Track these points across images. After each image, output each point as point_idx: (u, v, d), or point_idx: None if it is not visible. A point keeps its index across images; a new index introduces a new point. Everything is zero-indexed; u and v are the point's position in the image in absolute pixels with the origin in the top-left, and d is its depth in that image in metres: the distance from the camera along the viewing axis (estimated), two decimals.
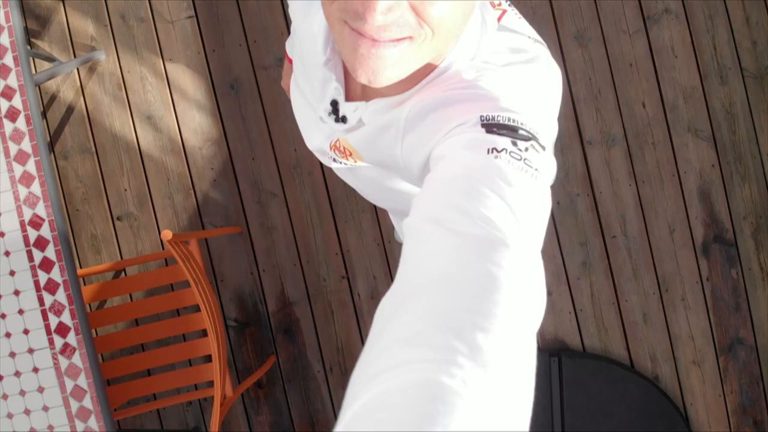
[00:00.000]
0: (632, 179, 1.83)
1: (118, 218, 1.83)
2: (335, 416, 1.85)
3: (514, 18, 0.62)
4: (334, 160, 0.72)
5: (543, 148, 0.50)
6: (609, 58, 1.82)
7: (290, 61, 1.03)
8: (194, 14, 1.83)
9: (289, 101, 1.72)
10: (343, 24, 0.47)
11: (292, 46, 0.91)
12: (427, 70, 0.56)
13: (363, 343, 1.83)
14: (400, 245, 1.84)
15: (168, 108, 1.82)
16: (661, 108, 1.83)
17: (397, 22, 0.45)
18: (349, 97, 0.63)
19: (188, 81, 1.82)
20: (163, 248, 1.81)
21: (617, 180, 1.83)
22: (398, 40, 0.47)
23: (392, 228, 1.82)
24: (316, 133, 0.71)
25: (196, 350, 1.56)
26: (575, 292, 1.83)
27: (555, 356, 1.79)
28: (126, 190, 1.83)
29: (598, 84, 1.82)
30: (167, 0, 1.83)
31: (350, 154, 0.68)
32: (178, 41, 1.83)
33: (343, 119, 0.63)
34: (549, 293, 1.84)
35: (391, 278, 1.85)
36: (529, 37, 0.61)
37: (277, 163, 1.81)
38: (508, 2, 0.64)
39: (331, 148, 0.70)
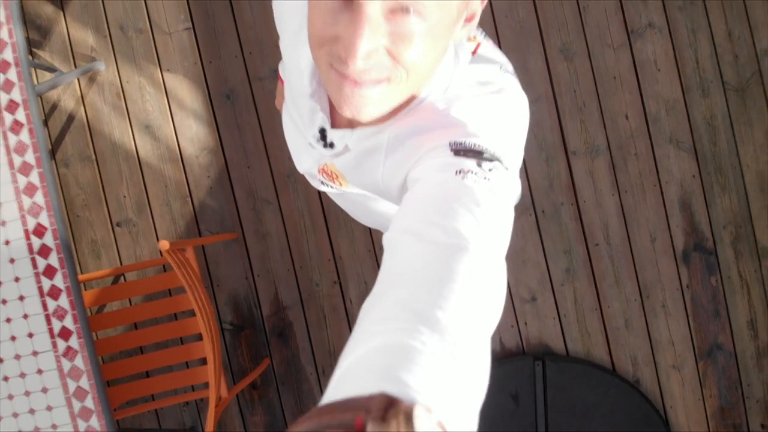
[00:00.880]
0: (615, 189, 1.89)
1: (117, 224, 1.89)
2: None
3: (488, 47, 0.68)
4: (322, 183, 0.78)
5: (506, 168, 0.56)
6: (593, 71, 1.88)
7: (282, 82, 1.09)
8: (191, 26, 1.88)
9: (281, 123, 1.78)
10: (329, 66, 0.53)
11: (283, 69, 0.97)
12: (406, 101, 0.61)
13: None
14: None
15: (166, 117, 1.88)
16: (643, 120, 1.89)
17: (376, 66, 0.51)
18: (335, 125, 0.69)
19: (186, 91, 1.88)
20: (160, 254, 1.87)
21: (600, 190, 1.89)
22: (377, 81, 0.52)
23: (382, 234, 1.88)
24: (306, 157, 0.77)
25: (193, 353, 1.62)
26: (559, 297, 1.89)
27: (539, 360, 1.85)
28: (125, 197, 1.89)
29: (583, 96, 1.88)
30: (165, 12, 1.89)
31: (337, 178, 0.74)
32: (175, 52, 1.89)
33: (331, 145, 0.68)
34: (533, 299, 1.90)
35: None
36: (501, 67, 0.66)
37: (272, 172, 1.87)
38: (483, 33, 0.70)
39: (319, 172, 0.76)
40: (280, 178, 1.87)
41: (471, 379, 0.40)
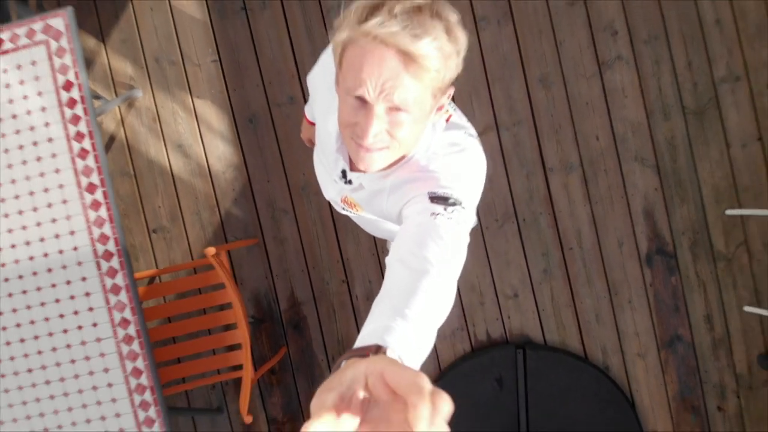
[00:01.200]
0: (587, 200, 2.16)
1: (153, 231, 2.17)
2: None
3: (457, 117, 0.96)
4: (343, 209, 1.06)
5: (464, 208, 0.84)
6: (568, 97, 2.16)
7: (308, 122, 1.37)
8: (218, 59, 2.16)
9: (297, 135, 2.06)
10: (350, 139, 0.81)
11: (311, 112, 1.24)
12: (400, 159, 0.89)
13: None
14: None
15: (196, 138, 2.16)
16: (612, 140, 2.17)
17: (380, 140, 0.79)
18: (352, 169, 0.97)
19: (213, 115, 2.16)
20: (192, 257, 2.15)
21: (574, 201, 2.16)
22: (380, 149, 0.80)
23: (386, 241, 2.15)
24: (330, 188, 1.05)
25: (223, 341, 1.89)
26: (538, 295, 2.17)
27: (520, 348, 2.13)
28: (160, 207, 2.16)
29: (559, 119, 2.15)
30: (195, 46, 2.17)
31: (354, 206, 1.02)
32: (204, 81, 2.16)
33: (350, 182, 0.96)
34: (515, 295, 2.18)
35: None
36: (465, 131, 0.94)
37: (289, 186, 2.15)
38: (453, 106, 0.98)
39: (341, 201, 1.04)
40: (296, 191, 2.15)
41: (420, 342, 0.68)
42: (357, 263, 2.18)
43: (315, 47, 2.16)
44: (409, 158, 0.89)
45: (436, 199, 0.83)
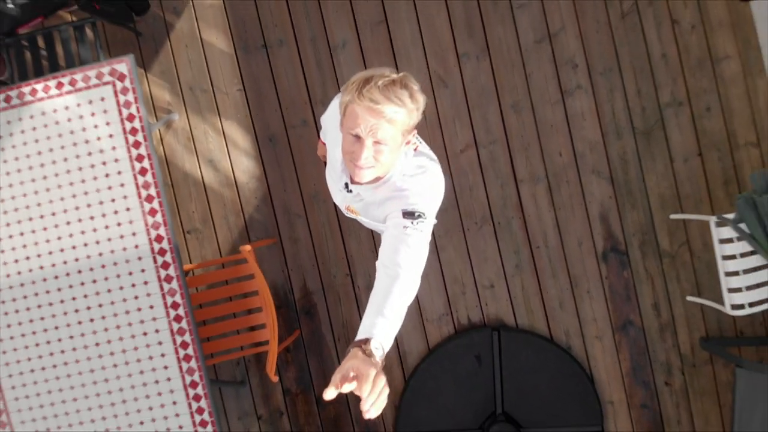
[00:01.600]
0: (551, 207, 2.57)
1: (188, 232, 2.57)
2: None
3: (422, 146, 1.37)
4: (348, 214, 1.48)
5: (426, 218, 1.25)
6: (536, 121, 2.57)
7: (322, 143, 1.78)
8: (243, 88, 2.57)
9: (309, 152, 2.47)
10: (349, 161, 1.22)
11: (324, 137, 1.65)
12: (383, 176, 1.29)
13: (361, 320, 2.58)
14: None
15: (224, 154, 2.57)
16: (573, 156, 2.58)
17: (367, 162, 1.20)
18: (352, 182, 1.37)
19: (238, 135, 2.57)
20: (220, 255, 2.56)
21: (541, 207, 2.57)
22: (369, 167, 1.21)
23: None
24: (338, 196, 1.46)
25: (247, 322, 2.29)
26: (511, 285, 2.58)
27: (496, 331, 2.53)
28: (194, 212, 2.58)
29: (528, 139, 2.56)
30: (223, 77, 2.58)
31: (355, 212, 1.43)
32: (231, 107, 2.58)
33: (350, 191, 1.37)
34: (492, 286, 2.59)
35: None
36: (428, 157, 1.36)
37: (302, 194, 2.56)
38: (419, 139, 1.38)
39: (346, 209, 1.46)
40: (308, 199, 2.56)
41: (395, 326, 1.11)
42: (359, 259, 2.59)
43: (324, 79, 2.58)
44: (389, 177, 1.30)
45: (406, 214, 1.25)
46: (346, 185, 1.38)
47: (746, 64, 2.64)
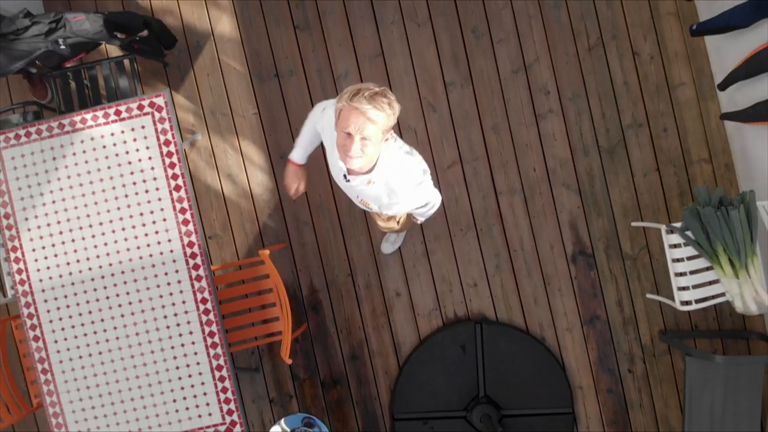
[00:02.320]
0: (527, 215, 2.95)
1: (209, 237, 2.94)
2: (344, 360, 2.96)
3: (393, 139, 1.74)
4: (362, 206, 1.87)
5: (426, 173, 1.73)
6: (513, 140, 2.94)
7: (294, 163, 2.11)
8: (258, 112, 2.94)
9: (316, 169, 2.83)
10: (343, 152, 1.61)
11: (322, 138, 1.99)
12: (370, 169, 1.67)
13: (362, 315, 2.96)
14: (385, 255, 2.95)
15: (241, 170, 2.94)
16: (545, 171, 2.95)
17: (356, 152, 1.58)
18: (349, 173, 1.74)
19: (254, 153, 2.94)
20: (238, 257, 2.92)
21: (517, 215, 2.94)
22: (357, 157, 1.60)
23: (379, 244, 2.93)
24: (348, 191, 1.83)
25: (262, 316, 2.66)
26: (491, 284, 2.95)
27: (479, 323, 2.90)
28: (214, 220, 2.94)
29: (506, 157, 2.94)
30: (241, 103, 2.95)
31: (367, 204, 1.82)
32: (247, 128, 2.95)
33: (348, 181, 1.74)
34: (475, 285, 2.96)
35: (379, 276, 2.97)
36: (402, 146, 1.74)
37: (309, 204, 2.93)
38: (393, 136, 1.75)
39: (360, 202, 1.83)
40: (315, 209, 2.94)
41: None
42: (359, 261, 2.96)
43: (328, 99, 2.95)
44: (375, 172, 1.69)
45: (423, 172, 1.73)
46: (345, 176, 1.75)
47: (699, 90, 3.02)
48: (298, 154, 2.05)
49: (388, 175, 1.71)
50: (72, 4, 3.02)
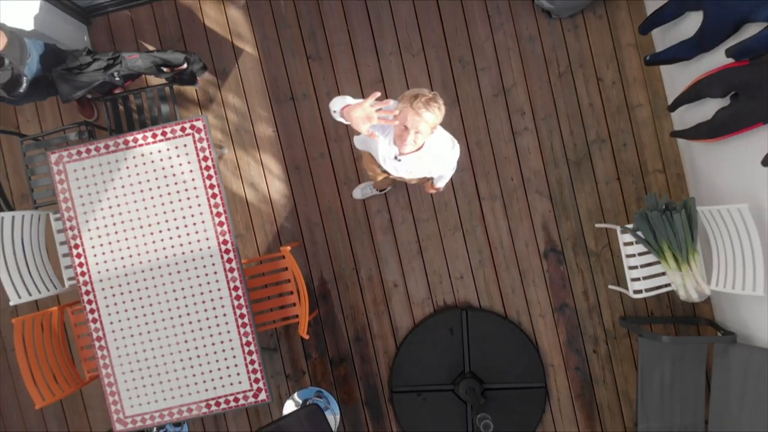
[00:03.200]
0: (506, 218, 3.45)
1: (235, 236, 3.44)
2: (349, 342, 3.46)
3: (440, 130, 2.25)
4: (393, 174, 2.40)
5: (455, 144, 2.23)
6: (494, 154, 3.44)
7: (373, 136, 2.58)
8: (276, 129, 3.44)
9: (327, 177, 3.33)
10: (400, 139, 2.09)
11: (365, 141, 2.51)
12: (419, 148, 2.16)
13: (364, 303, 3.45)
14: (387, 249, 3.45)
15: (262, 179, 3.44)
16: (521, 180, 3.45)
17: (410, 142, 2.06)
18: (400, 154, 2.23)
19: (273, 165, 3.44)
20: (259, 253, 3.42)
21: (498, 218, 3.44)
22: (410, 143, 2.08)
23: (382, 244, 3.43)
24: (389, 165, 2.33)
25: (280, 302, 3.15)
26: (476, 276, 3.45)
27: (464, 310, 3.40)
28: (239, 221, 3.44)
29: (488, 168, 3.44)
30: (261, 121, 3.45)
31: (402, 177, 2.37)
32: (267, 143, 3.44)
33: (399, 160, 2.24)
34: (461, 277, 3.46)
35: (380, 270, 3.46)
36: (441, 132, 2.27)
37: (320, 208, 3.43)
38: (439, 128, 2.25)
39: (405, 171, 2.33)
40: (324, 212, 3.43)
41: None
42: (362, 257, 3.45)
43: (336, 124, 3.45)
44: (425, 146, 2.15)
45: (451, 158, 2.23)
46: (395, 157, 2.23)
47: (655, 111, 3.52)
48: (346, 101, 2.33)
49: (432, 149, 2.18)
50: (114, 38, 3.52)
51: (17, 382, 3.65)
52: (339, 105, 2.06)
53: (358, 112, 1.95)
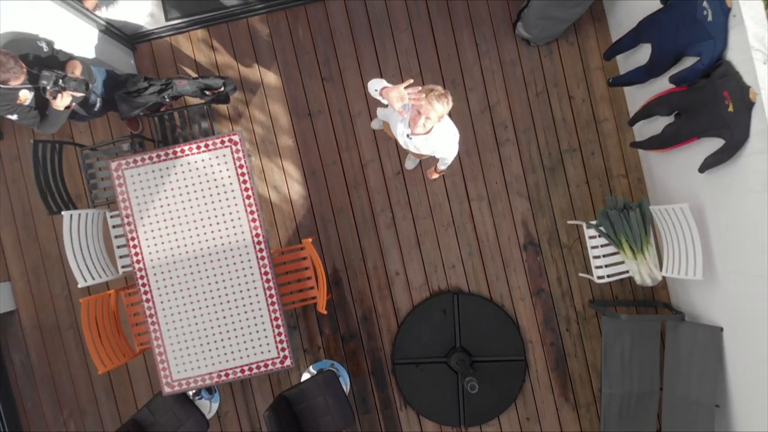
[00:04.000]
0: (491, 216, 4.05)
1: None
2: (358, 322, 4.06)
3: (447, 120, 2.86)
4: (406, 147, 3.00)
5: (457, 134, 2.84)
6: (481, 162, 4.05)
7: (402, 113, 3.16)
8: (295, 140, 4.05)
9: (339, 181, 3.94)
10: (412, 122, 2.67)
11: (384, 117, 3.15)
12: (428, 131, 2.75)
13: (370, 289, 4.06)
14: (389, 242, 4.05)
15: (283, 183, 4.05)
16: (504, 184, 4.06)
17: (421, 126, 2.64)
18: (412, 133, 2.83)
19: (293, 170, 4.05)
20: (281, 245, 4.02)
21: (484, 216, 4.05)
22: (421, 126, 2.67)
23: (385, 238, 4.03)
24: (402, 140, 2.93)
25: (299, 287, 3.75)
26: (465, 266, 4.06)
27: (456, 294, 4.00)
28: (264, 219, 4.04)
29: (475, 173, 4.05)
30: (283, 133, 4.05)
31: (417, 149, 2.95)
32: (288, 152, 4.05)
33: (410, 138, 2.84)
34: (453, 266, 4.06)
35: (384, 261, 4.07)
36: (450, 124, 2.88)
37: (332, 208, 4.04)
38: (448, 120, 2.87)
39: (413, 147, 2.94)
40: (337, 211, 4.04)
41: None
42: (369, 250, 4.06)
43: (347, 135, 4.05)
44: (432, 132, 2.73)
45: (454, 133, 2.82)
46: (408, 135, 2.80)
47: (619, 124, 4.13)
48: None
49: (438, 134, 2.72)
50: (156, 61, 4.12)
51: (70, 357, 4.24)
52: (379, 86, 2.60)
53: (395, 93, 2.49)
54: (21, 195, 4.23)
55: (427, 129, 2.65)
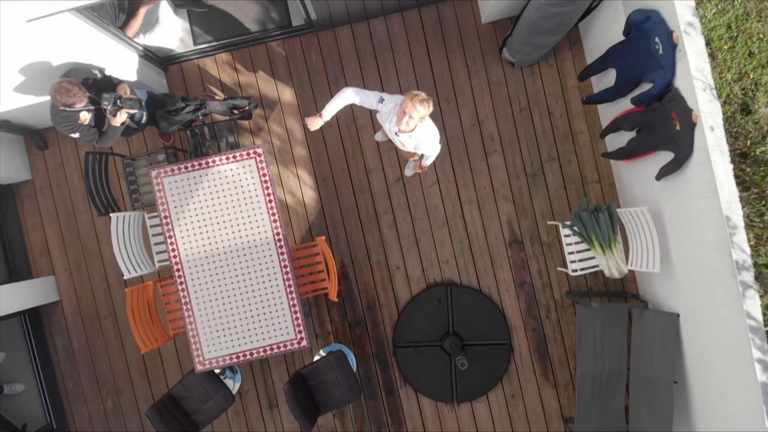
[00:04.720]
0: (480, 217, 4.62)
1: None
2: (363, 310, 4.63)
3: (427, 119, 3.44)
4: (396, 143, 3.58)
5: (437, 136, 3.44)
6: (471, 169, 4.62)
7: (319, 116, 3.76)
8: (309, 151, 4.62)
9: (347, 188, 4.52)
10: (400, 120, 3.26)
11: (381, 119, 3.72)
12: (412, 130, 3.33)
13: (374, 281, 4.63)
14: (391, 240, 4.61)
15: (298, 188, 4.61)
16: (492, 189, 4.63)
17: (407, 124, 3.24)
18: (399, 131, 3.41)
19: (306, 177, 4.61)
20: (295, 242, 4.58)
21: (474, 217, 4.62)
22: (406, 125, 3.25)
23: (387, 236, 4.60)
24: (392, 136, 3.51)
25: (312, 278, 4.31)
26: (458, 261, 4.63)
27: (449, 286, 4.57)
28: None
29: (467, 179, 4.61)
30: (298, 144, 4.62)
31: (404, 145, 3.53)
32: (302, 161, 4.62)
33: (398, 135, 3.42)
34: (447, 261, 4.63)
35: (386, 256, 4.63)
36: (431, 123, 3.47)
37: (341, 210, 4.61)
38: (427, 119, 3.45)
39: (399, 144, 3.52)
40: (345, 213, 4.61)
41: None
42: (373, 247, 4.62)
43: (353, 146, 4.62)
44: (415, 130, 3.31)
45: (434, 137, 3.40)
46: (395, 132, 3.37)
47: (592, 136, 4.69)
48: (329, 113, 3.52)
49: (420, 133, 3.27)
50: (186, 81, 4.69)
51: (108, 342, 4.80)
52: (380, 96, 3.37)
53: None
54: (64, 198, 4.78)
55: (411, 128, 3.23)
